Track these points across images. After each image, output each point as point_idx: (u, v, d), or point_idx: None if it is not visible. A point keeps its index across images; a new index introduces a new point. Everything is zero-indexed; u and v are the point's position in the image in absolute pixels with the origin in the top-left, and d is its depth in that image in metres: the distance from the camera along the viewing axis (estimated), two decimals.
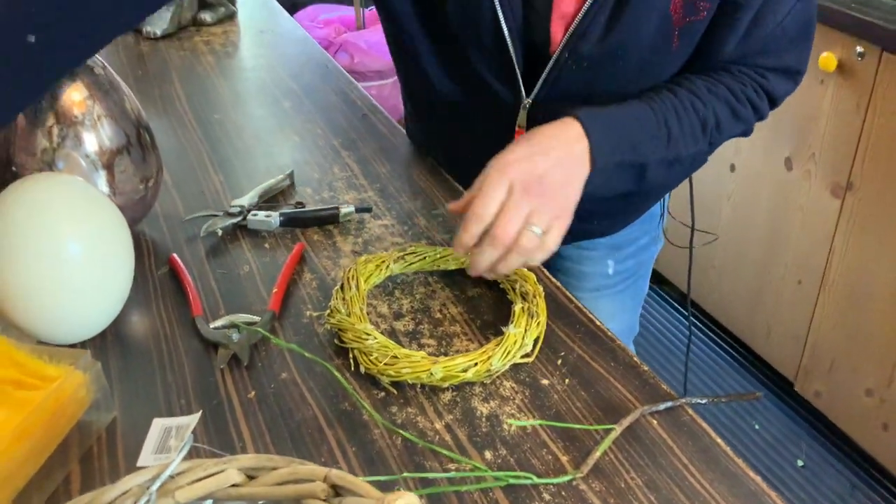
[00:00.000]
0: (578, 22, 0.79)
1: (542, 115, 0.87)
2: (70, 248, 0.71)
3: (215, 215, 0.92)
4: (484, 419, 0.67)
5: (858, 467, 1.84)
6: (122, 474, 0.54)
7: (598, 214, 1.05)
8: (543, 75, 0.85)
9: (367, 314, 0.78)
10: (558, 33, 0.82)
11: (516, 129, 0.90)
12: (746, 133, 0.89)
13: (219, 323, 0.77)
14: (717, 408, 2.04)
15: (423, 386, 0.70)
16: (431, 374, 0.68)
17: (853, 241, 1.72)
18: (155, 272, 0.86)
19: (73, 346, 0.74)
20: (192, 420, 0.60)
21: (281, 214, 0.92)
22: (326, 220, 0.93)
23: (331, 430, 0.66)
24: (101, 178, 0.84)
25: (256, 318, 0.77)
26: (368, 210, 0.94)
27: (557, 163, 0.73)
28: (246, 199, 0.94)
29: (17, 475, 0.60)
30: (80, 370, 0.64)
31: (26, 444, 0.60)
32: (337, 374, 0.64)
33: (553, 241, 0.73)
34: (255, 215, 0.92)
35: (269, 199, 0.98)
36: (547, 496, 0.60)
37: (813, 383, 1.92)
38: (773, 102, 0.89)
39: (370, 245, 0.89)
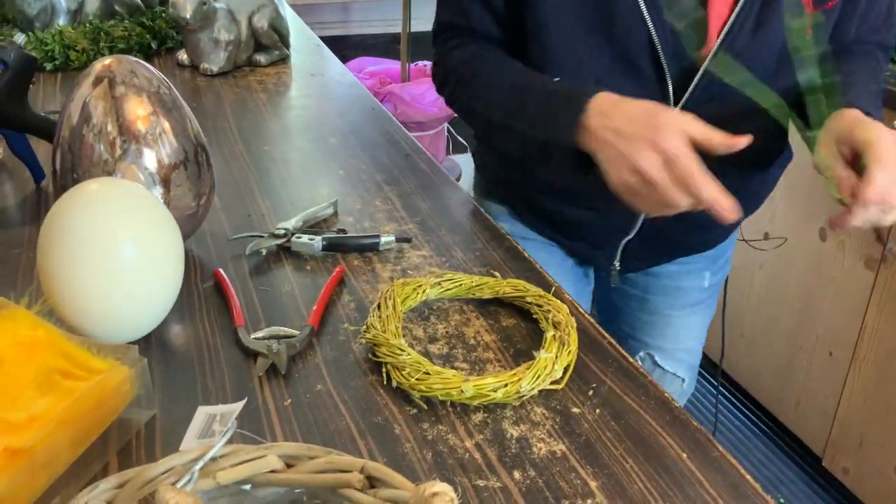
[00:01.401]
0: (735, 16, 0.85)
1: None
2: (125, 251, 0.74)
3: (260, 236, 0.95)
4: (514, 441, 0.68)
5: None
6: None
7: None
8: (695, 81, 0.89)
9: (403, 336, 0.79)
10: (714, 33, 0.87)
11: None
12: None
13: (259, 334, 0.79)
14: None
15: (454, 405, 0.71)
16: (462, 391, 0.69)
17: (886, 314, 1.71)
18: (200, 285, 0.88)
19: None
20: (237, 407, 0.62)
21: (323, 239, 0.94)
22: (367, 248, 0.95)
23: (363, 440, 0.67)
24: (158, 192, 0.87)
25: (296, 332, 0.79)
26: (408, 240, 0.97)
27: None
28: (291, 223, 0.97)
29: (57, 460, 0.62)
30: (126, 365, 0.67)
31: (69, 431, 0.62)
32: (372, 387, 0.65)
33: None
34: (298, 238, 0.94)
35: (313, 225, 1.01)
36: None
37: (841, 459, 1.88)
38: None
39: (408, 272, 0.92)
